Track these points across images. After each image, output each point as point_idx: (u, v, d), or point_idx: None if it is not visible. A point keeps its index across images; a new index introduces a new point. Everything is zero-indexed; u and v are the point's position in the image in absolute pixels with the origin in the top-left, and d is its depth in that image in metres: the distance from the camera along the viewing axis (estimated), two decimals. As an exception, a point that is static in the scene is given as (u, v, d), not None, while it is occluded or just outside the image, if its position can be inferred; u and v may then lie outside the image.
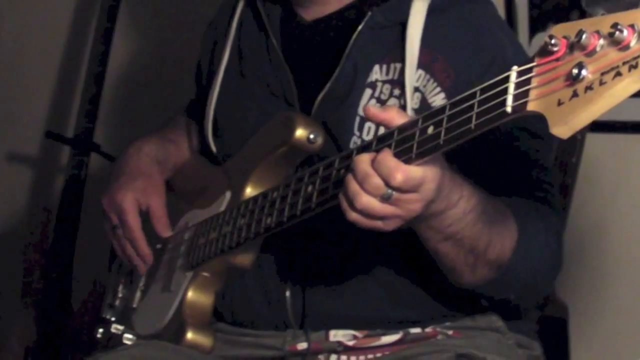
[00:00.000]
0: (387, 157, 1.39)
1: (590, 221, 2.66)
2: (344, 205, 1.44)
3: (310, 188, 1.56)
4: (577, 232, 2.61)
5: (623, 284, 2.65)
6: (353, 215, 1.44)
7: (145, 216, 1.92)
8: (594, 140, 2.56)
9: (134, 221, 1.89)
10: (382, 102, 1.67)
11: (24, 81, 3.41)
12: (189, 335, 1.77)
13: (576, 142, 2.52)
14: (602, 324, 2.67)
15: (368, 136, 1.66)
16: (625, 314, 2.64)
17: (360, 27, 1.70)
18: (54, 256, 2.99)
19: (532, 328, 1.82)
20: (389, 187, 1.38)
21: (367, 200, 1.40)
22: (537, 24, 2.65)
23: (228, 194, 1.80)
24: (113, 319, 2.00)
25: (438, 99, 1.64)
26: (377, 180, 1.39)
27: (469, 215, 1.48)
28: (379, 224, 1.43)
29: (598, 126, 2.56)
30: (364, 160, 1.41)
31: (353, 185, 1.41)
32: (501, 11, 2.67)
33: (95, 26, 2.99)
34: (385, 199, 1.39)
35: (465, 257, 1.53)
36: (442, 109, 1.36)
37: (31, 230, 3.35)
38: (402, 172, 1.37)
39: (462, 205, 1.47)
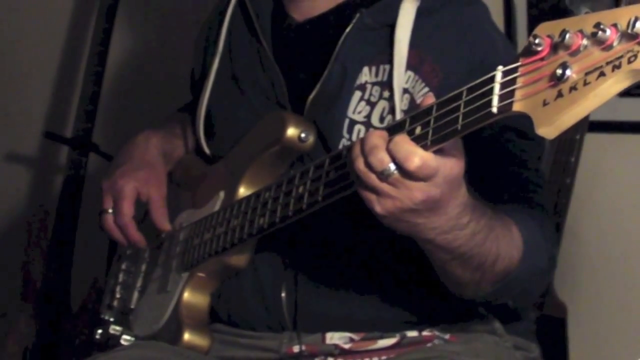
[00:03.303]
0: (406, 140, 1.35)
1: (590, 221, 2.66)
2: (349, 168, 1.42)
3: (301, 189, 1.56)
4: (576, 232, 2.61)
5: (622, 284, 2.65)
6: (352, 175, 1.41)
7: (145, 207, 1.91)
8: (593, 140, 2.56)
9: (127, 209, 1.88)
10: (372, 105, 1.67)
11: (23, 81, 3.41)
12: (186, 335, 1.77)
13: (575, 142, 2.52)
14: (601, 324, 2.66)
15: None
16: (624, 314, 2.64)
17: (348, 29, 1.70)
18: (53, 256, 2.99)
19: (530, 329, 1.82)
20: (402, 170, 1.34)
21: (365, 170, 1.37)
22: (536, 24, 2.64)
23: (222, 194, 1.80)
24: (112, 319, 2.00)
25: None
26: (381, 156, 1.36)
27: (478, 236, 1.46)
28: (372, 197, 1.38)
29: (597, 126, 2.57)
30: (377, 135, 1.37)
31: (357, 151, 1.38)
32: (500, 11, 2.67)
33: (94, 26, 2.99)
34: (384, 176, 1.36)
35: (472, 274, 1.52)
36: (429, 110, 1.35)
37: (30, 230, 3.35)
38: (420, 157, 1.33)
39: (471, 227, 1.44)
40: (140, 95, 3.22)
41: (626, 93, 2.58)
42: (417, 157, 1.33)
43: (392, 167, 1.35)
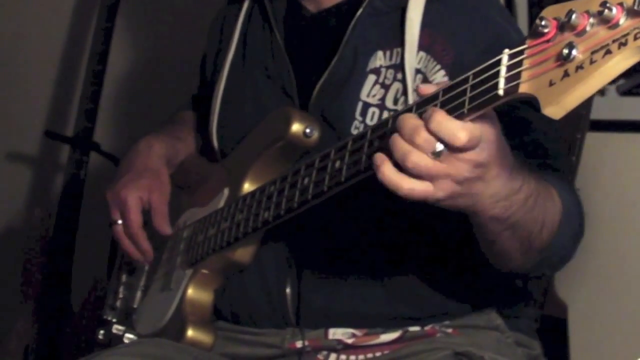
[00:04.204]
0: (445, 116, 1.30)
1: (590, 220, 2.64)
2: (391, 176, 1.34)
3: (306, 180, 1.56)
4: (576, 231, 2.61)
5: (623, 283, 2.65)
6: (405, 183, 1.33)
7: (148, 213, 1.92)
8: (594, 139, 2.57)
9: (135, 218, 1.89)
10: (386, 88, 1.67)
11: (24, 80, 3.41)
12: (190, 332, 1.77)
13: (576, 141, 2.52)
14: (601, 323, 2.67)
15: (372, 121, 1.66)
16: (624, 314, 2.64)
17: (358, 14, 1.71)
18: (54, 256, 2.99)
19: (532, 326, 1.82)
20: (450, 147, 1.30)
21: (418, 157, 1.31)
22: (537, 23, 2.66)
23: (226, 191, 1.80)
24: (114, 320, 2.01)
25: (438, 77, 1.63)
26: (427, 135, 1.30)
27: (529, 200, 1.43)
28: (430, 189, 1.33)
29: (598, 125, 2.58)
30: (411, 116, 1.33)
31: (401, 144, 1.32)
32: (501, 10, 2.67)
33: (95, 25, 2.99)
34: (437, 155, 1.31)
35: (521, 243, 1.50)
36: (435, 96, 1.35)
37: (31, 230, 3.34)
38: (467, 131, 1.29)
39: (524, 190, 1.42)
40: (141, 94, 3.22)
41: (627, 92, 2.61)
42: (464, 131, 1.29)
43: (440, 145, 1.31)
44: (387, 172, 1.34)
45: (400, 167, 1.33)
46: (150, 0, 3.22)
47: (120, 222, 1.92)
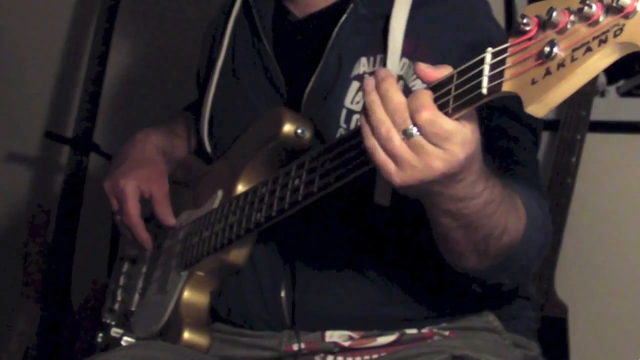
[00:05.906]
0: (425, 94, 1.31)
1: (590, 221, 2.66)
2: (365, 130, 1.34)
3: (297, 181, 1.56)
4: (577, 232, 2.61)
5: (623, 284, 2.65)
6: (370, 142, 1.33)
7: (148, 204, 1.91)
8: (594, 140, 2.57)
9: (133, 207, 1.89)
10: None
11: (24, 81, 3.41)
12: (186, 334, 1.77)
13: (576, 142, 2.52)
14: (601, 324, 2.66)
15: None
16: (624, 314, 2.64)
17: (342, 20, 1.70)
18: (54, 256, 3.00)
19: (530, 328, 1.82)
20: (414, 122, 1.29)
21: (388, 129, 1.31)
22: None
23: (220, 192, 1.80)
24: (113, 323, 2.00)
25: (418, 83, 1.61)
26: (406, 115, 1.30)
27: (489, 206, 1.42)
28: (391, 167, 1.32)
29: (598, 126, 2.58)
30: (397, 91, 1.33)
31: (380, 112, 1.32)
32: (501, 11, 2.67)
33: (95, 26, 2.99)
34: (407, 135, 1.30)
35: (475, 245, 1.48)
36: None
37: (30, 230, 3.34)
38: (432, 113, 1.29)
39: (485, 196, 1.40)
40: (140, 95, 3.23)
41: (627, 93, 2.60)
42: (429, 110, 1.29)
43: (415, 129, 1.30)
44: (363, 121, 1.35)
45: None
46: (150, 1, 3.22)
47: None
